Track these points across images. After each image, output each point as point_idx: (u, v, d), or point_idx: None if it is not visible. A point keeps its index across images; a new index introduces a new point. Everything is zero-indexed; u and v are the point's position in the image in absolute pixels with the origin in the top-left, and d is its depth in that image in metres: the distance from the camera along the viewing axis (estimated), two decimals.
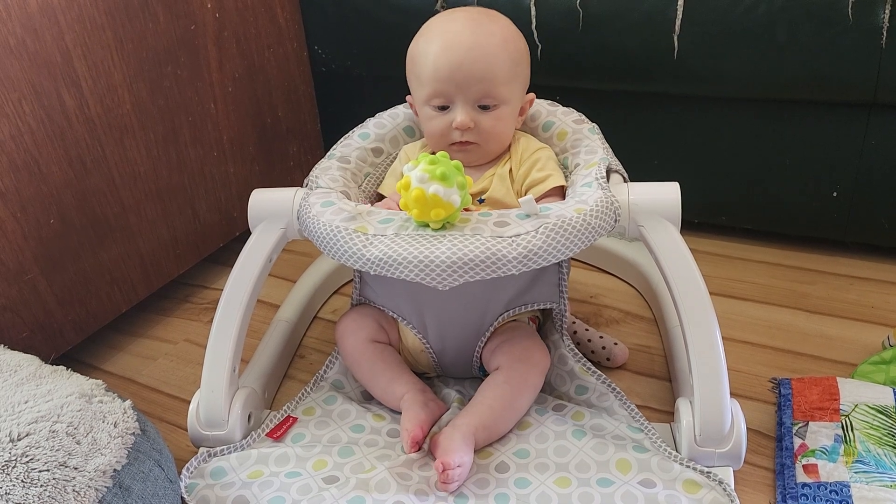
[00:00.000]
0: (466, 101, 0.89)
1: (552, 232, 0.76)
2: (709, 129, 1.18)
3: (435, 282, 0.76)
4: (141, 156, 1.07)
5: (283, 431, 0.89)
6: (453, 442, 0.80)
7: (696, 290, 0.82)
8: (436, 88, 0.89)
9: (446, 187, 0.76)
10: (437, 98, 0.89)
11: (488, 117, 0.90)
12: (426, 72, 0.89)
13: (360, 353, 0.92)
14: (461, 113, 0.89)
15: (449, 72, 0.87)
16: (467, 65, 0.87)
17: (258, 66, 1.24)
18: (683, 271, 0.82)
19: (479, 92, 0.88)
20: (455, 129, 0.89)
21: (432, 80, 0.89)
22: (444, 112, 0.90)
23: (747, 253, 1.24)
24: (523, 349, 0.89)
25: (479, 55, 0.88)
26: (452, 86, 0.88)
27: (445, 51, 0.88)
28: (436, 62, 0.88)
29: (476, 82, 0.88)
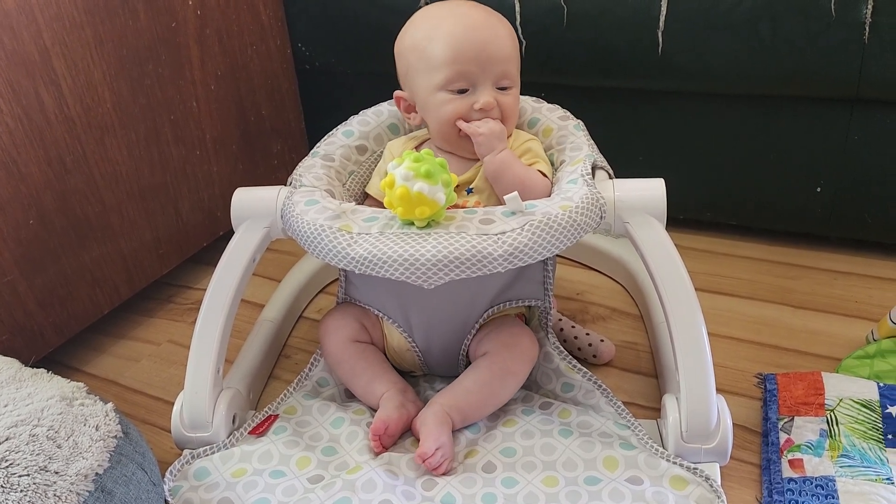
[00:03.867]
0: (488, 82, 0.88)
1: (538, 229, 0.76)
2: (693, 125, 1.18)
3: (420, 280, 0.75)
4: (122, 155, 1.06)
5: (266, 428, 0.88)
6: (426, 426, 0.81)
7: (682, 286, 0.82)
8: (458, 70, 0.87)
9: (431, 185, 0.75)
10: (460, 80, 0.87)
11: (508, 97, 0.90)
12: (443, 54, 0.86)
13: (340, 353, 0.92)
14: (486, 93, 0.88)
15: (474, 52, 0.86)
16: (491, 44, 0.87)
17: (241, 64, 1.23)
18: (669, 268, 0.82)
19: (501, 72, 0.88)
20: (479, 110, 0.88)
21: (453, 61, 0.86)
22: (463, 95, 0.88)
23: (732, 249, 1.24)
24: (511, 335, 0.89)
25: (500, 34, 0.89)
26: (477, 66, 0.87)
27: (468, 31, 0.87)
28: (458, 43, 0.86)
29: (499, 62, 0.87)
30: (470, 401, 0.85)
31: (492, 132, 0.88)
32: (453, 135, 0.90)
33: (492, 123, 0.89)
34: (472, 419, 0.85)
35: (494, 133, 0.88)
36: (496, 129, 0.89)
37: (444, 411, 0.83)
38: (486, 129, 0.88)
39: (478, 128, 0.88)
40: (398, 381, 0.91)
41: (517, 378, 0.88)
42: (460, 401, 0.84)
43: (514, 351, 0.87)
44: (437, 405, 0.84)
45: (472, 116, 0.89)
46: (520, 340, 0.88)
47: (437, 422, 0.81)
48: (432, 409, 0.83)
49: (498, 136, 0.89)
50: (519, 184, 0.88)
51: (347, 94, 1.40)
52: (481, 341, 0.90)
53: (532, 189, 0.86)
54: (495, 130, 0.88)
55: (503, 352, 0.87)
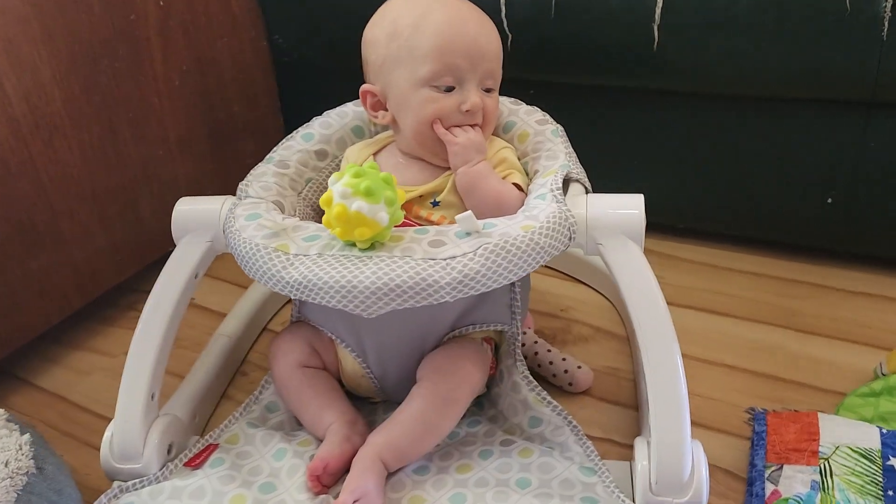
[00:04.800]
0: (475, 80, 0.81)
1: (492, 254, 0.68)
2: (692, 128, 1.09)
3: (359, 309, 0.68)
4: (74, 157, 0.99)
5: (203, 459, 0.81)
6: (353, 472, 0.73)
7: (658, 318, 0.73)
8: (447, 63, 0.79)
9: (371, 204, 0.67)
10: (447, 75, 0.79)
11: (491, 100, 0.83)
12: (433, 45, 0.79)
13: (287, 380, 0.84)
14: (474, 93, 0.80)
15: (465, 45, 0.79)
16: (482, 38, 0.81)
17: (209, 58, 1.16)
18: (644, 297, 0.74)
19: (488, 71, 0.82)
20: (466, 112, 0.80)
21: (443, 53, 0.79)
22: (449, 94, 0.80)
23: (734, 262, 1.14)
24: (450, 360, 0.80)
25: (489, 29, 0.83)
26: (467, 62, 0.79)
27: (461, 23, 0.80)
28: (449, 35, 0.79)
29: (488, 59, 0.81)
30: (406, 438, 0.76)
31: (470, 143, 0.81)
32: (429, 137, 0.82)
33: (472, 133, 0.81)
34: (410, 458, 0.77)
35: (473, 144, 0.81)
36: (475, 140, 0.81)
37: (374, 453, 0.74)
38: (465, 139, 0.80)
39: (455, 136, 0.80)
40: (348, 412, 0.83)
41: (458, 405, 0.79)
42: (395, 438, 0.76)
43: (452, 377, 0.79)
44: (369, 446, 0.75)
45: (454, 119, 0.81)
46: (459, 367, 0.79)
47: (363, 467, 0.73)
48: (362, 450, 0.75)
49: (476, 147, 0.81)
50: (493, 199, 0.80)
51: (330, 90, 1.31)
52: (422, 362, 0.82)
53: (508, 206, 0.78)
54: (474, 141, 0.81)
55: (439, 379, 0.78)
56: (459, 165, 0.81)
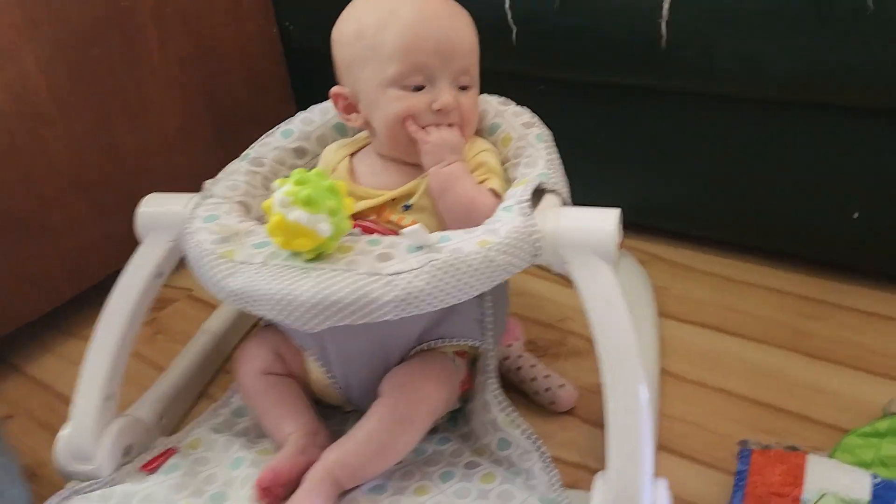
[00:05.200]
0: (448, 78, 0.77)
1: (440, 271, 0.63)
2: (708, 131, 1.00)
3: (298, 323, 0.64)
4: (62, 146, 0.99)
5: (159, 464, 0.80)
6: (300, 489, 0.71)
7: (624, 347, 0.67)
8: (415, 62, 0.75)
9: (311, 213, 0.63)
10: (416, 75, 0.76)
11: (468, 98, 0.79)
12: (398, 43, 0.75)
13: (251, 386, 0.82)
14: (446, 92, 0.76)
15: (434, 42, 0.75)
16: (454, 34, 0.77)
17: (211, 46, 1.13)
18: (610, 321, 0.68)
19: (462, 68, 0.77)
20: (437, 111, 0.76)
21: (409, 52, 0.75)
22: (418, 93, 0.76)
23: (751, 275, 1.06)
24: (411, 378, 0.76)
25: (462, 24, 0.78)
26: (438, 59, 0.75)
27: (430, 19, 0.76)
28: (415, 31, 0.75)
29: (461, 56, 0.77)
30: (359, 457, 0.73)
31: (443, 141, 0.76)
32: (402, 137, 0.78)
33: (445, 132, 0.77)
34: (365, 476, 0.74)
35: (446, 143, 0.76)
36: (449, 139, 0.76)
37: (325, 471, 0.71)
38: (437, 137, 0.76)
39: (426, 134, 0.76)
40: (309, 422, 0.79)
41: (415, 426, 0.75)
42: (348, 456, 0.72)
43: (412, 395, 0.74)
44: (321, 463, 0.72)
45: (427, 119, 0.77)
46: (420, 385, 0.75)
47: (310, 486, 0.70)
48: (314, 467, 0.72)
49: (451, 146, 0.76)
50: (465, 204, 0.76)
51: None
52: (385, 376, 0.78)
53: (480, 212, 0.73)
54: (448, 140, 0.76)
55: (398, 396, 0.75)
56: (431, 165, 0.77)
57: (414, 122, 0.77)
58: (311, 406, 0.82)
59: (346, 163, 0.84)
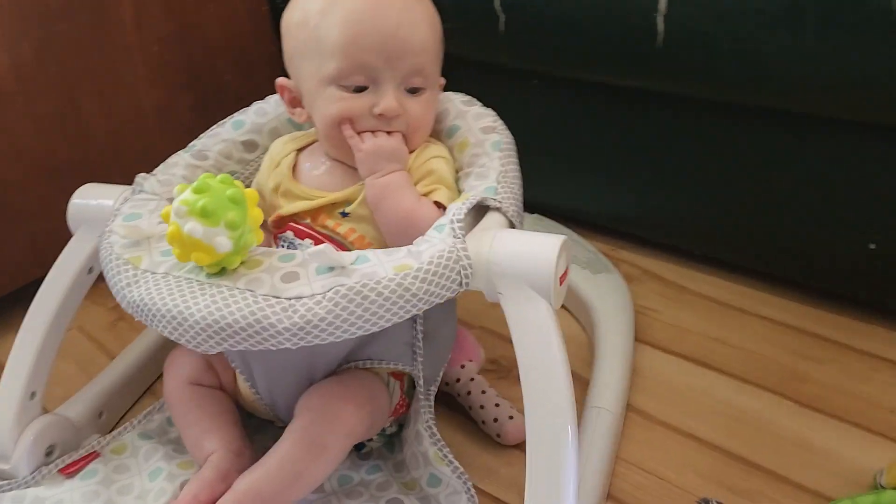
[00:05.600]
0: (394, 80, 0.69)
1: (344, 299, 0.57)
2: (711, 141, 0.90)
3: (191, 344, 0.59)
4: (25, 128, 0.95)
5: (79, 468, 0.76)
6: None
7: (553, 392, 0.59)
8: (356, 61, 0.68)
9: (207, 226, 0.57)
10: (356, 74, 0.69)
11: (417, 103, 0.71)
12: (340, 39, 0.68)
13: (174, 396, 0.77)
14: (389, 95, 0.69)
15: (379, 39, 0.67)
16: (402, 30, 0.68)
17: (194, 24, 1.08)
18: (539, 366, 0.60)
19: (412, 68, 0.69)
20: (378, 116, 0.69)
21: (350, 49, 0.68)
22: (360, 94, 0.70)
23: (750, 302, 0.95)
24: (328, 399, 0.69)
25: (415, 18, 0.70)
26: (381, 59, 0.68)
27: (374, 12, 0.68)
28: (359, 27, 0.68)
29: (410, 55, 0.69)
30: (270, 485, 0.66)
31: (378, 149, 0.69)
32: (339, 140, 0.72)
33: (382, 139, 0.70)
34: None
35: (382, 151, 0.69)
36: (385, 147, 0.69)
37: (235, 502, 0.66)
38: (371, 146, 0.69)
39: (360, 142, 0.69)
40: (235, 441, 0.74)
41: (329, 452, 0.68)
42: (259, 484, 0.66)
43: (326, 418, 0.68)
44: (231, 493, 0.66)
45: (367, 123, 0.70)
46: (338, 406, 0.68)
47: None
48: (224, 497, 0.66)
49: (387, 155, 0.69)
50: (400, 218, 0.69)
51: None
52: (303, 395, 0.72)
53: (419, 228, 0.65)
54: (383, 148, 0.69)
55: (311, 419, 0.68)
56: (367, 175, 0.70)
57: (351, 127, 0.70)
58: (238, 423, 0.77)
59: (291, 158, 0.77)
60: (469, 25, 0.94)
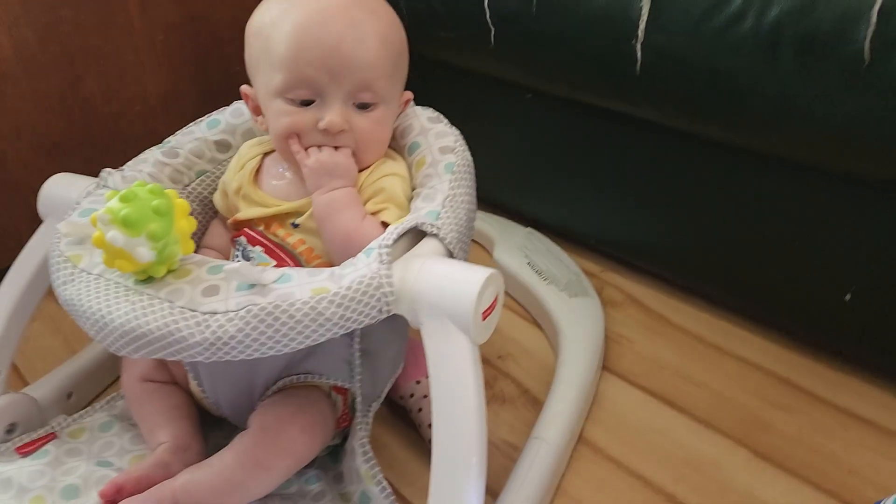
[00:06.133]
0: (340, 95, 0.68)
1: (255, 318, 0.57)
2: (688, 172, 0.87)
3: (112, 348, 0.60)
4: (28, 107, 0.98)
5: (35, 448, 0.79)
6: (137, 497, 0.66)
7: (462, 430, 0.58)
8: (300, 75, 0.67)
9: (128, 236, 0.58)
10: (301, 89, 0.68)
11: (366, 119, 0.69)
12: (285, 52, 0.67)
13: (130, 392, 0.79)
14: (333, 110, 0.68)
15: (321, 53, 0.66)
16: (346, 44, 0.66)
17: (200, 14, 1.09)
18: (452, 399, 0.59)
19: (359, 84, 0.68)
20: (322, 131, 0.68)
21: (296, 63, 0.67)
22: (306, 108, 0.69)
23: (728, 340, 0.91)
24: (278, 421, 0.69)
25: (363, 31, 0.67)
26: (325, 73, 0.67)
27: (319, 25, 0.66)
28: (303, 40, 0.67)
29: (355, 70, 0.67)
30: (208, 488, 0.67)
31: (321, 166, 0.69)
32: (290, 153, 0.71)
33: (325, 154, 0.69)
34: None
35: (325, 167, 0.69)
36: (327, 163, 0.69)
37: (169, 492, 0.66)
38: (314, 161, 0.69)
39: (305, 157, 0.69)
40: (182, 435, 0.75)
41: (272, 473, 0.69)
42: (197, 484, 0.67)
43: (275, 442, 0.68)
44: (166, 484, 0.68)
45: (313, 138, 0.70)
46: (286, 430, 0.69)
47: (148, 498, 0.66)
48: (159, 486, 0.67)
49: (329, 170, 0.69)
50: (341, 238, 0.68)
51: None
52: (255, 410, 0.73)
53: (360, 248, 0.64)
54: (326, 164, 0.69)
55: (260, 439, 0.69)
56: (313, 190, 0.70)
57: (298, 141, 0.69)
58: (190, 417, 0.78)
59: (256, 162, 0.77)
60: (462, 36, 0.92)
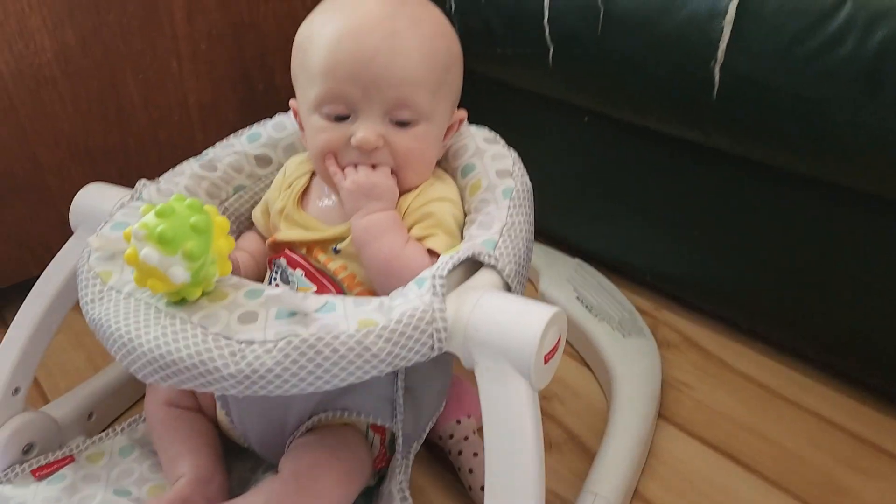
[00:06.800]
0: (375, 110, 0.63)
1: (296, 351, 0.51)
2: (765, 207, 0.80)
3: (139, 375, 0.55)
4: (66, 111, 0.95)
5: (51, 471, 0.75)
6: None
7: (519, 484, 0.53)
8: (334, 90, 0.63)
9: (163, 255, 0.53)
10: (334, 103, 0.64)
11: (405, 136, 0.64)
12: (319, 65, 0.63)
13: (152, 417, 0.74)
14: (366, 126, 0.63)
15: (353, 66, 0.62)
16: (381, 58, 0.61)
17: (247, 22, 1.05)
18: (509, 449, 0.54)
19: (395, 100, 0.63)
20: (355, 147, 0.64)
21: (329, 77, 0.63)
22: (340, 124, 0.64)
23: (797, 391, 0.84)
24: (311, 467, 0.64)
25: (401, 45, 0.62)
26: (358, 88, 0.62)
27: (353, 37, 0.62)
28: (336, 53, 0.62)
29: (391, 86, 0.62)
30: None
31: (357, 187, 0.64)
32: (328, 174, 0.67)
33: (362, 175, 0.64)
34: None
35: (361, 188, 0.64)
36: (364, 184, 0.64)
37: None
38: (351, 183, 0.64)
39: (342, 179, 0.64)
40: (204, 467, 0.70)
41: None
42: None
43: (308, 491, 0.63)
44: None
45: (350, 155, 0.65)
46: (321, 477, 0.63)
47: None
48: None
49: (367, 191, 0.64)
50: (381, 264, 0.63)
51: None
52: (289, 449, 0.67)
53: (402, 277, 0.60)
54: (363, 185, 0.64)
55: (293, 486, 0.63)
56: (351, 213, 0.65)
57: (335, 161, 0.65)
58: (214, 448, 0.73)
59: (304, 182, 0.72)
60: (520, 53, 0.87)
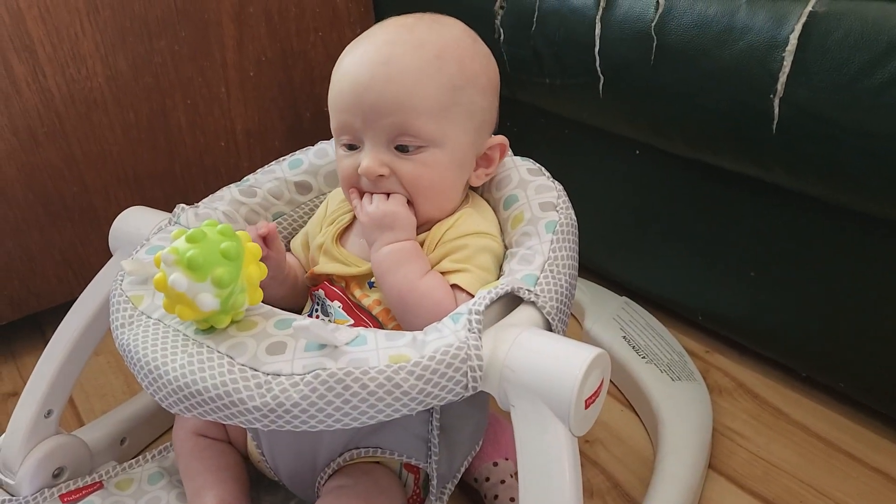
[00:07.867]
0: (378, 138, 0.62)
1: (323, 385, 0.49)
2: (830, 248, 0.75)
3: (164, 404, 0.54)
4: (115, 135, 0.96)
5: (79, 497, 0.74)
6: None
7: None
8: (339, 120, 0.64)
9: (192, 281, 0.52)
10: (344, 134, 0.65)
11: (411, 163, 0.63)
12: (331, 96, 0.65)
13: (180, 447, 0.73)
14: (369, 155, 0.62)
15: (353, 98, 0.62)
16: (375, 89, 0.61)
17: (297, 51, 1.06)
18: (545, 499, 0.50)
19: (394, 127, 0.61)
20: (362, 176, 0.63)
21: (334, 107, 0.65)
22: (354, 153, 0.64)
23: (862, 447, 0.78)
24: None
25: (396, 74, 0.61)
26: (357, 117, 0.62)
27: (355, 66, 0.63)
28: (339, 82, 0.64)
29: (389, 113, 0.61)
30: None
31: (370, 219, 0.62)
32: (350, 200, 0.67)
33: (374, 205, 0.62)
34: None
35: (374, 220, 0.62)
36: (375, 215, 0.62)
37: None
38: (364, 216, 0.63)
39: (360, 211, 0.63)
40: (230, 500, 0.68)
41: None
42: None
43: None
44: None
45: (363, 185, 0.64)
46: None
47: None
48: None
49: (379, 222, 0.62)
50: (395, 300, 0.62)
51: None
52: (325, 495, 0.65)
53: (417, 313, 0.59)
54: (374, 216, 0.62)
55: None
56: (370, 243, 0.63)
57: (357, 194, 0.64)
58: (240, 481, 0.71)
59: (347, 220, 0.70)
60: (569, 84, 0.85)
